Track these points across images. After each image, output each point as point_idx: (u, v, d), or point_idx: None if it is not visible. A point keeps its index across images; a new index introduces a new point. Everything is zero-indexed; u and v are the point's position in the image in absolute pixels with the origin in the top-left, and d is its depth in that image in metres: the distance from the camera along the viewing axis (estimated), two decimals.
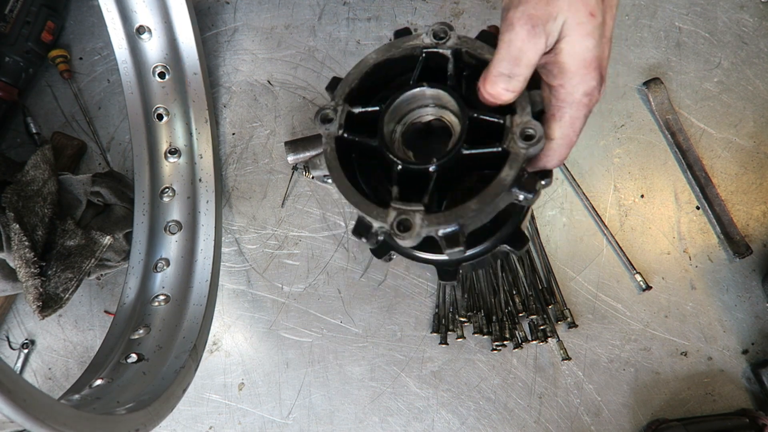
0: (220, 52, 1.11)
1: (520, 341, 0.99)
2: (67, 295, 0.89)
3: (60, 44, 1.11)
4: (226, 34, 1.11)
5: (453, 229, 0.58)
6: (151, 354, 0.89)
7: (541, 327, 0.99)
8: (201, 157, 1.04)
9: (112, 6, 0.97)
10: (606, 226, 1.03)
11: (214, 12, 1.12)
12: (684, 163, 1.04)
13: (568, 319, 1.00)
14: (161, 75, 1.02)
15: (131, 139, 1.02)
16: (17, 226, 0.85)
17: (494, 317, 0.99)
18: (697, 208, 1.04)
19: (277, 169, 1.07)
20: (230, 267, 1.05)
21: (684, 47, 1.08)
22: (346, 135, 0.64)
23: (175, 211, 1.02)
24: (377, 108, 0.64)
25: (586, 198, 1.03)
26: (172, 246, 1.01)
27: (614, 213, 1.04)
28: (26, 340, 1.04)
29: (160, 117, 1.03)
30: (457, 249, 0.59)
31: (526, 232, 0.70)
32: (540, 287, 1.00)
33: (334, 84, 0.67)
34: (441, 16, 1.10)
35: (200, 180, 1.03)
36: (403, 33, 0.68)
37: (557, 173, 1.05)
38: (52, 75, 1.10)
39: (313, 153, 1.03)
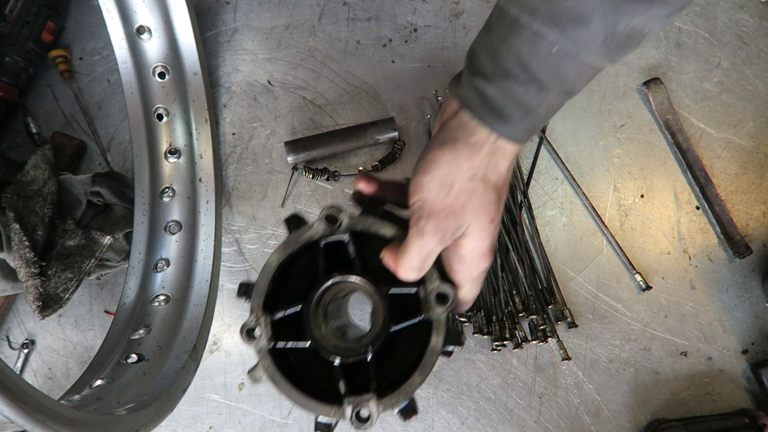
0: (220, 52, 1.11)
1: (520, 341, 0.99)
2: (67, 295, 0.89)
3: (60, 44, 1.11)
4: (226, 34, 1.11)
5: (406, 403, 0.63)
6: (151, 354, 0.89)
7: (541, 327, 0.99)
8: (201, 157, 1.04)
9: (112, 6, 0.97)
10: (606, 226, 1.03)
11: (214, 12, 1.12)
12: (684, 163, 1.04)
13: (568, 319, 1.00)
14: (161, 75, 1.02)
15: (131, 139, 1.02)
16: (17, 226, 0.85)
17: (494, 317, 0.99)
18: (697, 208, 1.04)
19: (277, 169, 1.07)
20: (230, 267, 1.05)
21: (684, 47, 1.08)
22: (278, 345, 0.64)
23: (175, 211, 1.02)
24: (298, 308, 0.65)
25: (586, 198, 1.04)
26: (172, 246, 1.01)
27: (614, 213, 1.04)
28: (26, 340, 1.04)
29: (160, 117, 1.03)
30: (414, 415, 0.64)
31: (456, 328, 0.71)
32: (540, 287, 1.00)
33: (244, 290, 0.68)
34: (441, 16, 1.10)
35: (200, 180, 1.03)
36: (293, 221, 0.68)
37: (557, 173, 1.05)
38: (52, 75, 1.10)
39: (313, 153, 1.03)
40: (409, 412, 0.64)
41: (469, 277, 0.61)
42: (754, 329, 1.01)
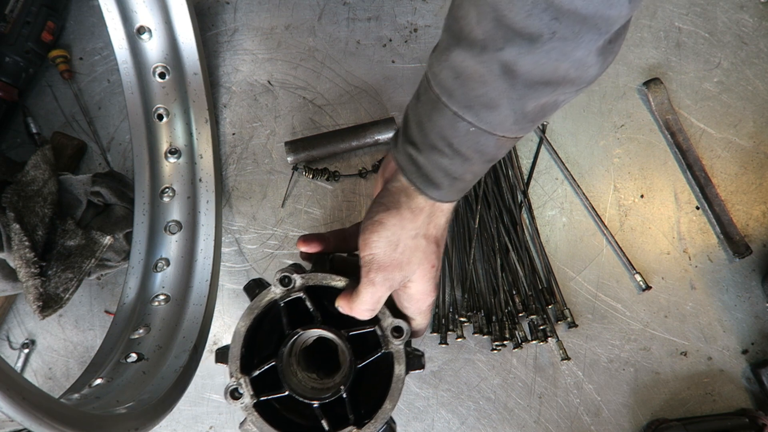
0: (220, 52, 1.11)
1: (520, 341, 0.99)
2: (67, 295, 0.89)
3: (60, 44, 1.11)
4: (226, 34, 1.11)
5: (384, 427, 0.71)
6: (151, 353, 0.89)
7: (541, 327, 0.99)
8: (201, 157, 1.04)
9: (113, 6, 0.97)
10: (606, 226, 1.03)
11: (214, 12, 1.12)
12: (684, 163, 1.04)
13: (568, 319, 1.00)
14: (161, 75, 1.02)
15: (131, 139, 1.02)
16: (17, 226, 0.85)
17: (494, 317, 0.99)
18: (697, 208, 1.04)
19: (277, 169, 1.07)
20: (230, 267, 1.05)
21: (684, 47, 1.08)
22: (261, 399, 0.71)
23: (175, 211, 1.02)
24: (272, 363, 0.72)
25: (586, 198, 1.04)
26: (172, 246, 1.01)
27: (614, 213, 1.04)
28: (26, 340, 1.04)
29: (160, 117, 1.03)
30: None
31: (416, 353, 0.78)
32: (540, 287, 1.00)
33: (221, 356, 0.74)
34: (441, 16, 1.10)
35: (200, 180, 1.03)
36: (254, 286, 0.76)
37: (557, 173, 1.05)
38: (52, 75, 1.10)
39: (313, 153, 1.03)
40: None
41: (419, 310, 0.69)
42: (754, 329, 1.01)
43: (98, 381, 0.82)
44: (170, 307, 0.96)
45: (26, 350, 1.03)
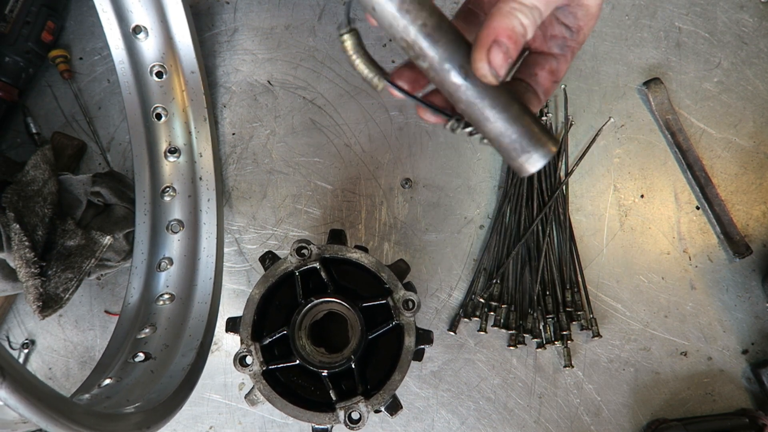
0: (220, 52, 1.11)
1: (544, 341, 0.99)
2: (67, 295, 0.88)
3: (60, 44, 1.10)
4: (226, 34, 1.11)
5: (390, 400, 0.73)
6: (158, 352, 0.89)
7: (564, 332, 0.99)
8: (201, 156, 1.04)
9: (108, 6, 0.97)
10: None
11: (214, 12, 1.12)
12: (684, 163, 1.04)
13: (594, 329, 0.99)
14: (159, 74, 1.02)
15: (130, 139, 1.02)
16: (17, 226, 0.85)
17: (529, 312, 0.99)
18: (697, 208, 1.04)
19: (277, 169, 1.07)
20: (230, 267, 1.05)
21: (684, 47, 1.08)
22: (270, 367, 0.73)
23: (176, 210, 1.02)
24: (284, 331, 0.74)
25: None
26: (174, 245, 1.00)
27: (614, 213, 1.04)
28: (26, 340, 1.04)
29: (158, 116, 1.03)
30: (399, 411, 0.75)
31: (425, 329, 0.79)
32: (573, 293, 1.00)
33: (231, 325, 0.77)
34: None
35: (200, 178, 1.03)
36: (268, 258, 0.79)
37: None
38: (52, 75, 1.10)
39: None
40: (394, 407, 0.74)
41: (584, 38, 0.60)
42: (754, 329, 1.01)
43: (107, 381, 0.82)
44: (175, 306, 0.96)
45: (26, 350, 1.03)
